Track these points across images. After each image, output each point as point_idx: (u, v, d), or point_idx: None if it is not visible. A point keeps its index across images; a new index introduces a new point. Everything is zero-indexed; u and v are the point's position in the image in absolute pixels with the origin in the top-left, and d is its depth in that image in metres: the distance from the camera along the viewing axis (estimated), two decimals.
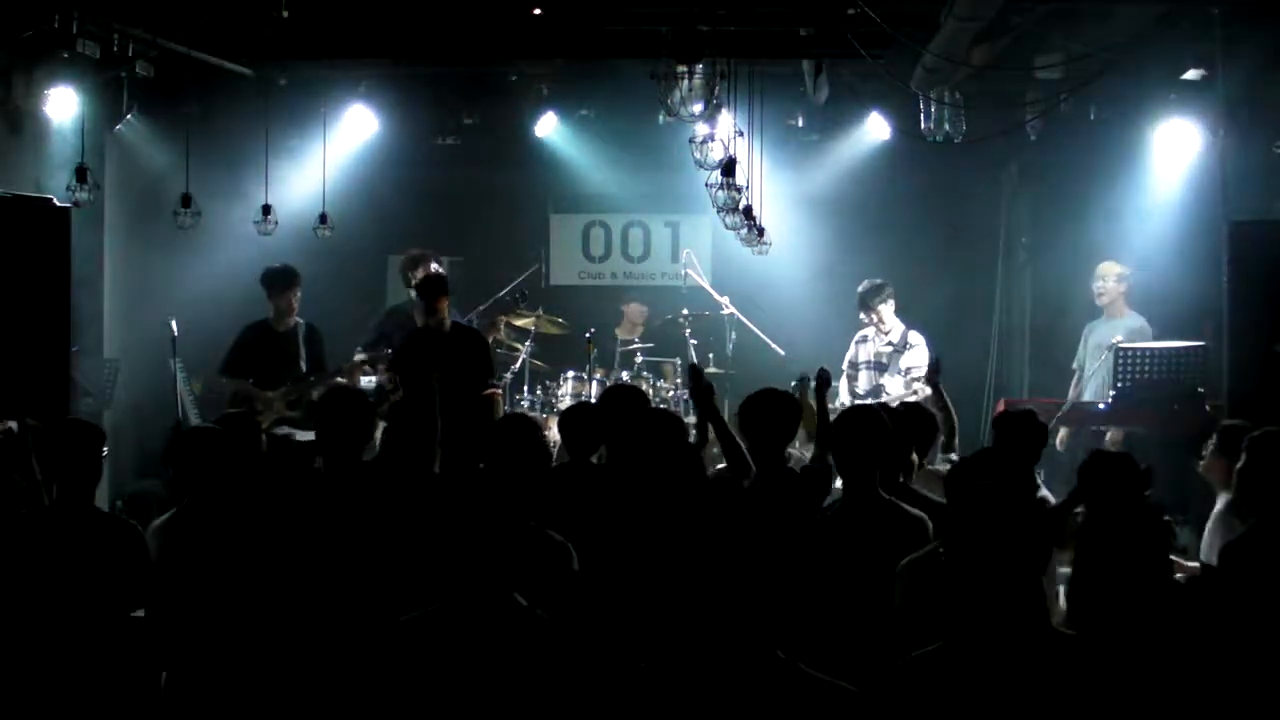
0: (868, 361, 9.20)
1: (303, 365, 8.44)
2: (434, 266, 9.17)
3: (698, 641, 2.72)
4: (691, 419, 9.31)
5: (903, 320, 9.17)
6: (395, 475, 4.92)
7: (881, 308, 9.10)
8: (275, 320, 8.55)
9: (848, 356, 9.35)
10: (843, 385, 9.27)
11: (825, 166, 10.89)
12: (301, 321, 8.59)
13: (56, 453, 4.56)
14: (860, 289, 9.19)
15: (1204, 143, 8.90)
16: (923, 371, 8.92)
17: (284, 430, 8.07)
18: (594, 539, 4.43)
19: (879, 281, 9.19)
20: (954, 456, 5.86)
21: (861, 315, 9.19)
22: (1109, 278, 9.12)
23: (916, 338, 9.06)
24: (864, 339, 9.28)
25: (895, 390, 8.82)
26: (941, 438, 6.05)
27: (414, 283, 9.01)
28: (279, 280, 8.55)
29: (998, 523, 2.87)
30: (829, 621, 4.07)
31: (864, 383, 9.17)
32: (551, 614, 3.16)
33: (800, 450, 6.71)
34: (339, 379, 8.18)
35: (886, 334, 9.12)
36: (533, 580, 3.23)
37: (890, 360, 9.09)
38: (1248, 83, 7.74)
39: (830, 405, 8.08)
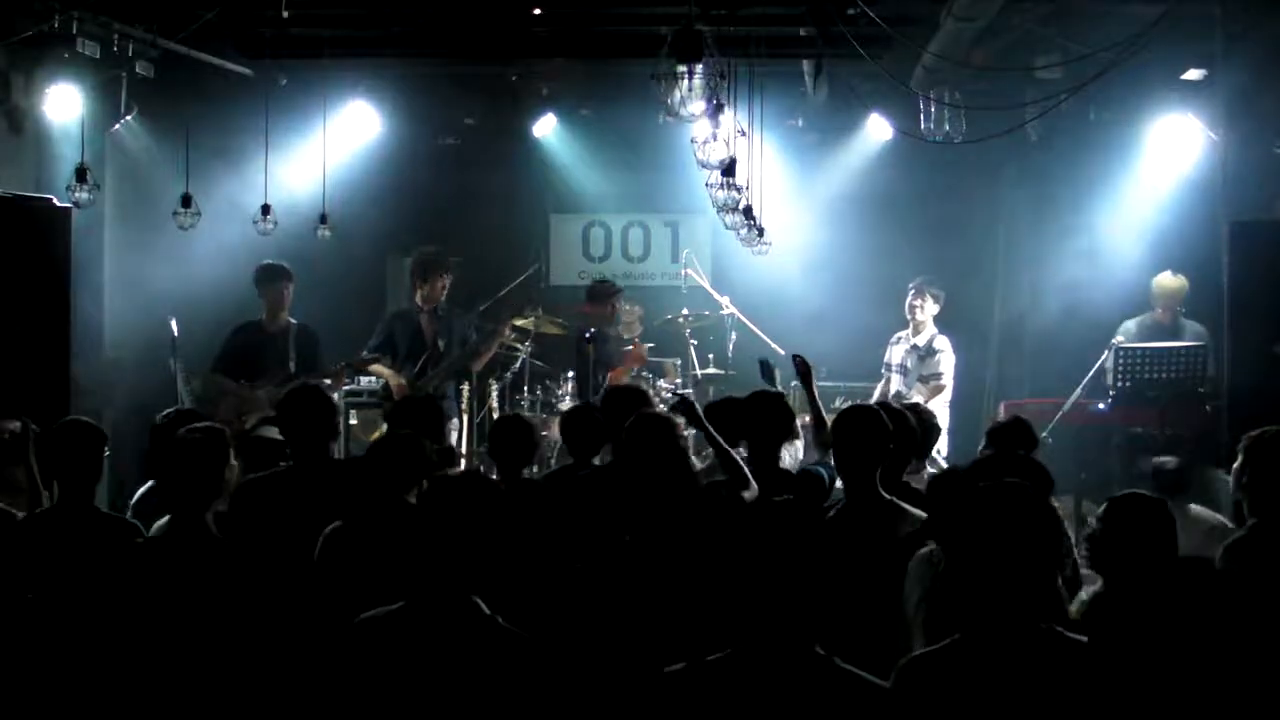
0: (899, 365, 9.21)
1: (292, 366, 8.38)
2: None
3: (732, 640, 2.72)
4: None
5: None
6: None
7: (928, 300, 9.04)
8: (267, 320, 8.53)
9: (885, 358, 9.36)
10: (879, 386, 9.28)
11: (825, 166, 10.91)
12: (294, 322, 8.57)
13: (57, 453, 4.55)
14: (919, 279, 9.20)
15: (1204, 143, 8.89)
16: (946, 380, 8.90)
17: (268, 431, 8.00)
18: (596, 541, 4.42)
19: (933, 278, 9.18)
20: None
21: (910, 298, 9.14)
22: (1180, 293, 8.69)
23: (943, 343, 9.02)
24: (898, 340, 9.28)
25: (913, 398, 8.77)
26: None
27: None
28: (263, 275, 8.54)
29: (999, 524, 2.87)
30: (828, 621, 4.06)
31: (893, 385, 9.17)
32: None
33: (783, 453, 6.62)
34: (325, 381, 8.11)
35: (915, 336, 9.09)
36: None
37: (912, 368, 9.06)
38: (1248, 83, 7.73)
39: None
